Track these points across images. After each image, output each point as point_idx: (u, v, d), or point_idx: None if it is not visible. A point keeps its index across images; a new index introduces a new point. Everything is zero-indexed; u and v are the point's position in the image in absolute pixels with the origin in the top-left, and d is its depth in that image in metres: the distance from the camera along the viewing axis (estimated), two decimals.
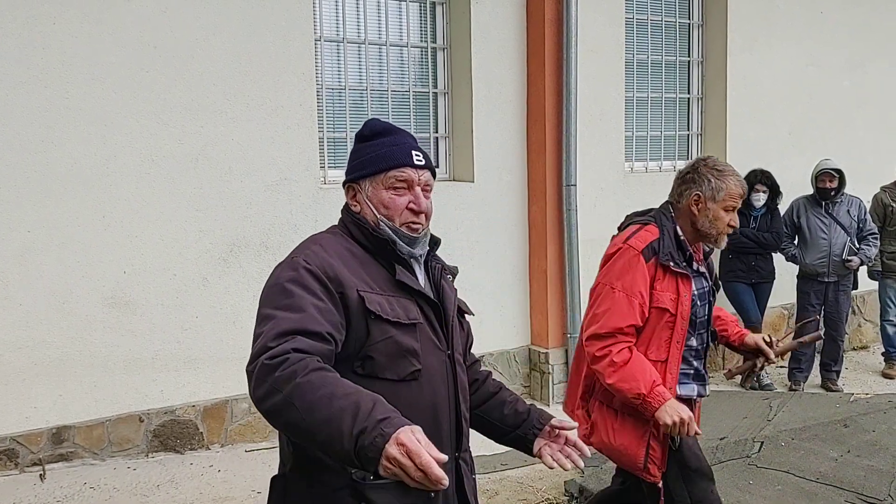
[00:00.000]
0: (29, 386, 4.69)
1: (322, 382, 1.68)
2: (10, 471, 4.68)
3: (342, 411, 1.62)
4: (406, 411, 1.94)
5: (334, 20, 5.68)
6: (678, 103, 7.14)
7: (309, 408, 1.66)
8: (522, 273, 6.26)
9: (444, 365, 2.08)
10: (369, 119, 2.18)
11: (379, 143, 2.09)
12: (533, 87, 6.05)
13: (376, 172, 2.06)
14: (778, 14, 7.22)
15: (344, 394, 1.66)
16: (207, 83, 4.99)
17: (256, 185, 5.19)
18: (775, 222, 6.53)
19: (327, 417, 1.64)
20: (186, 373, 5.09)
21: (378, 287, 1.99)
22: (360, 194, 2.09)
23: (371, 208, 2.06)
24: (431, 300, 2.08)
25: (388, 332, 1.95)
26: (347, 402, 1.64)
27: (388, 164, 2.05)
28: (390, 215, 2.05)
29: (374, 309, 1.94)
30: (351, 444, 1.60)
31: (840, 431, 4.87)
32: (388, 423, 1.59)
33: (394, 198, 2.05)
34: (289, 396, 1.68)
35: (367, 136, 2.12)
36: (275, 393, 1.71)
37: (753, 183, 6.42)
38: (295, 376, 1.69)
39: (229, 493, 4.61)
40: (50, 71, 4.60)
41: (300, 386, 1.68)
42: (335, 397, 1.65)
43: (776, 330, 7.39)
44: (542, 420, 2.28)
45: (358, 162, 2.10)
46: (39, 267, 4.67)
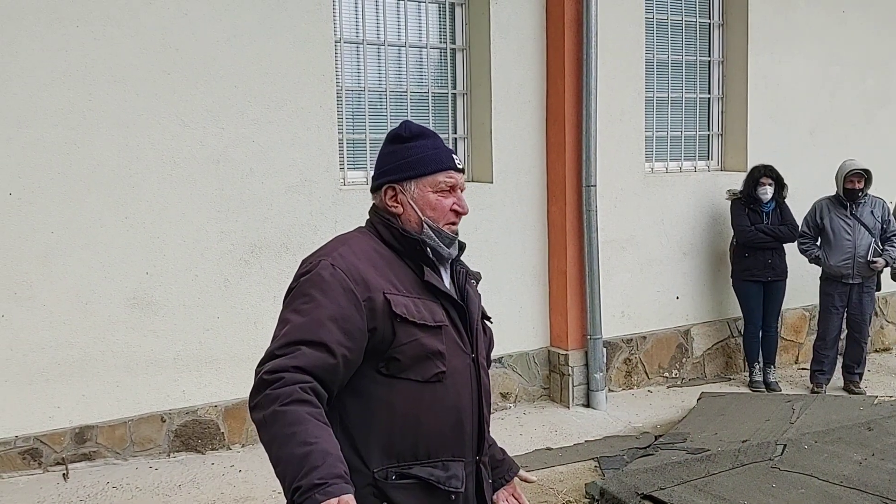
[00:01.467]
0: (52, 386, 4.73)
1: (294, 419, 1.76)
2: (33, 470, 4.72)
3: (291, 459, 1.73)
4: (430, 413, 1.97)
5: (354, 22, 5.69)
6: (698, 103, 7.10)
7: (274, 440, 1.77)
8: (541, 274, 6.24)
9: (469, 368, 2.08)
10: (405, 120, 2.17)
11: (421, 146, 2.09)
12: (552, 87, 6.04)
13: (424, 174, 2.07)
14: (799, 13, 7.16)
15: (304, 441, 1.74)
16: (228, 85, 5.01)
17: (277, 186, 5.21)
18: (787, 215, 6.50)
19: (280, 458, 1.75)
20: (208, 373, 5.12)
21: (405, 289, 2.00)
22: (402, 195, 2.08)
23: (416, 210, 2.06)
24: (457, 302, 2.08)
25: (415, 335, 1.96)
26: (300, 451, 1.72)
27: (436, 167, 2.07)
28: (436, 217, 2.07)
29: (401, 312, 1.94)
30: (289, 495, 1.72)
31: (864, 434, 4.82)
32: (321, 490, 1.67)
33: (440, 200, 2.08)
34: (266, 418, 1.79)
35: (407, 138, 2.10)
36: (259, 408, 1.82)
37: (758, 177, 6.39)
38: (277, 400, 1.78)
39: (250, 493, 4.63)
40: (73, 73, 4.64)
41: (276, 414, 1.77)
42: (295, 442, 1.74)
43: (797, 331, 7.35)
44: (512, 472, 2.35)
45: (401, 163, 2.08)
46: (62, 268, 4.71)
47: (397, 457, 1.97)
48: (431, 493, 2.00)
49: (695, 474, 4.36)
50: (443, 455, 2.02)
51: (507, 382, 6.08)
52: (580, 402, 6.14)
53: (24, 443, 4.70)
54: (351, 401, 1.95)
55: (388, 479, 1.95)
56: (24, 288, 4.62)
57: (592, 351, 6.11)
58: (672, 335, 6.75)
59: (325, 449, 1.74)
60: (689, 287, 6.81)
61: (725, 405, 5.81)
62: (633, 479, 4.34)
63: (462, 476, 2.05)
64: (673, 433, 5.39)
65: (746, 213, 6.43)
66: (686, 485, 4.23)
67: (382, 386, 1.96)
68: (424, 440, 1.98)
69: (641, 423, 5.82)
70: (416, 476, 1.97)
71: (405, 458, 1.97)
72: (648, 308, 6.61)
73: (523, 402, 6.18)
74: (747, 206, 6.43)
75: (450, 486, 2.01)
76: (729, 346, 7.03)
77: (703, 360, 6.92)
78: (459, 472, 2.04)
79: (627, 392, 6.48)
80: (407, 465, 1.97)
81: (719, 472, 4.37)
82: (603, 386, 6.14)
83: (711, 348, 6.96)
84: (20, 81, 4.52)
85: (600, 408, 6.06)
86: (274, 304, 5.14)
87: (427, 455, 1.99)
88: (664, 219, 6.63)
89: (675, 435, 5.32)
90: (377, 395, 1.96)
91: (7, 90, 4.50)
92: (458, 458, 2.05)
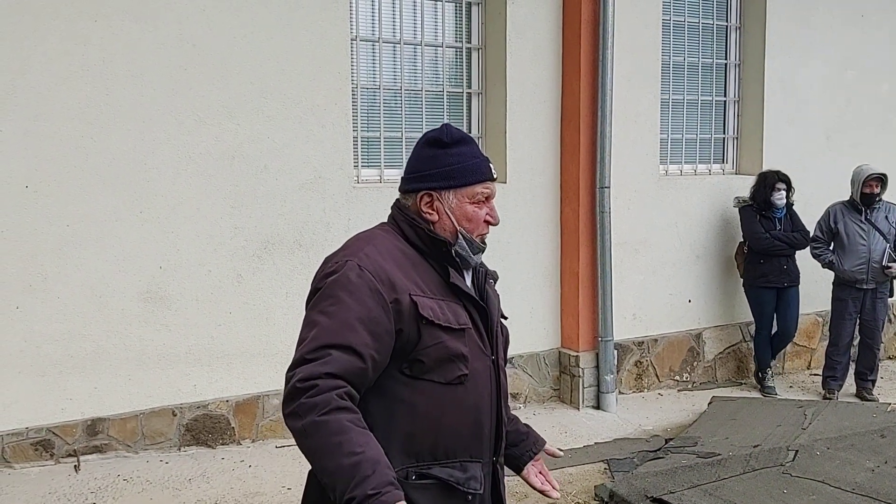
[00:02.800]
0: (65, 378, 4.76)
1: (337, 429, 1.78)
2: (45, 461, 4.75)
3: (341, 470, 1.75)
4: (450, 414, 1.98)
5: (370, 20, 5.69)
6: (714, 106, 7.07)
7: (319, 450, 1.78)
8: (553, 275, 6.23)
9: (489, 370, 2.09)
10: (445, 124, 2.14)
11: (461, 154, 2.05)
12: (568, 87, 6.02)
13: (464, 185, 2.04)
14: (817, 16, 7.12)
15: (351, 451, 1.75)
16: (244, 81, 5.03)
17: (291, 183, 5.22)
18: (797, 221, 6.48)
19: (327, 469, 1.77)
20: (219, 368, 5.13)
21: (429, 290, 1.99)
22: (439, 203, 2.04)
23: (453, 220, 2.04)
24: (479, 304, 2.08)
25: (440, 338, 1.95)
26: (349, 461, 1.74)
27: (476, 178, 2.05)
28: (471, 228, 2.06)
29: (427, 314, 1.94)
30: (337, 499, 1.75)
31: (877, 442, 4.79)
32: (376, 499, 1.71)
33: (477, 211, 2.07)
34: (306, 427, 1.79)
35: (447, 144, 2.06)
36: (297, 417, 1.80)
37: (774, 183, 6.35)
38: (315, 410, 1.79)
39: (260, 488, 4.64)
40: (90, 67, 4.66)
41: (317, 424, 1.78)
42: (342, 452, 1.75)
43: (810, 337, 7.31)
44: (539, 445, 2.32)
45: (441, 171, 2.04)
46: (77, 260, 4.73)
47: (417, 457, 1.97)
48: (450, 493, 2.00)
49: (705, 478, 4.34)
50: (461, 456, 2.02)
51: (518, 383, 6.07)
52: (590, 403, 6.12)
53: (36, 434, 4.73)
54: (373, 400, 1.95)
55: (408, 479, 1.95)
56: (39, 280, 4.65)
57: (603, 353, 6.09)
58: (684, 338, 6.73)
59: (373, 457, 1.76)
60: (701, 290, 6.78)
61: (737, 409, 5.78)
62: (643, 482, 4.33)
63: (480, 477, 2.06)
64: (683, 437, 5.38)
65: (758, 219, 6.40)
66: (696, 489, 4.22)
67: (405, 386, 1.96)
68: (444, 441, 1.99)
69: (652, 427, 5.80)
70: (435, 476, 1.98)
71: (424, 459, 1.98)
72: (660, 311, 6.59)
73: (533, 402, 6.17)
74: (759, 213, 6.40)
75: (468, 488, 2.02)
76: (741, 351, 7.00)
77: (715, 364, 6.89)
78: (478, 473, 2.05)
79: (638, 395, 6.47)
80: (426, 465, 1.98)
81: (730, 477, 4.36)
82: (613, 388, 6.13)
83: (723, 352, 6.93)
84: (38, 75, 4.55)
85: (610, 410, 6.04)
86: (286, 300, 5.21)
87: (446, 456, 2.00)
88: (678, 221, 6.60)
89: (686, 438, 5.30)
90: (399, 396, 1.96)
91: (25, 84, 4.53)
92: (477, 460, 2.06)
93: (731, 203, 6.69)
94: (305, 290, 2.04)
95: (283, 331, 5.18)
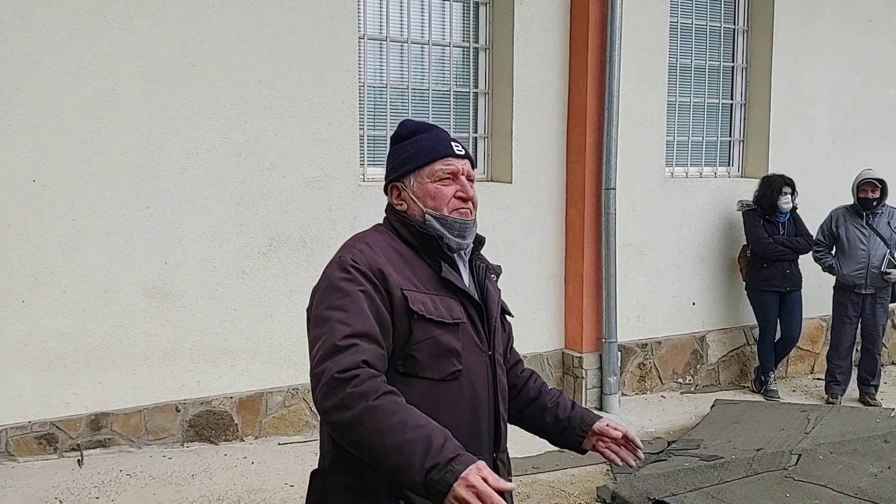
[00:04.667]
0: (70, 372, 4.77)
1: (394, 408, 1.76)
2: (49, 455, 4.76)
3: (414, 443, 1.72)
4: (446, 411, 1.96)
5: (378, 19, 5.70)
6: (721, 109, 7.06)
7: (380, 432, 1.74)
8: (558, 276, 6.23)
9: (485, 366, 2.08)
10: (403, 120, 2.18)
11: (417, 140, 2.09)
12: (575, 88, 6.02)
13: (420, 166, 2.06)
14: (825, 20, 7.11)
15: (416, 425, 1.74)
16: (252, 79, 5.03)
17: (297, 180, 5.22)
18: (801, 225, 6.48)
19: (398, 446, 1.72)
20: (223, 364, 5.14)
21: (423, 286, 1.99)
22: (404, 192, 2.08)
23: (418, 203, 2.05)
24: (475, 300, 2.07)
25: (431, 332, 1.95)
26: (420, 434, 1.73)
27: (432, 156, 2.06)
28: (438, 206, 2.04)
29: (418, 308, 1.94)
30: (421, 476, 1.70)
31: (880, 447, 4.79)
32: (458, 461, 1.69)
33: (440, 188, 2.05)
34: (359, 416, 1.75)
35: (404, 136, 2.11)
36: (343, 409, 1.76)
37: (780, 187, 6.34)
38: (366, 397, 1.76)
39: (262, 485, 4.65)
40: (99, 63, 4.67)
41: (372, 409, 1.75)
42: (407, 427, 1.74)
43: (813, 341, 7.30)
44: (584, 427, 2.25)
45: (399, 160, 2.10)
46: (83, 255, 4.74)
47: None
48: None
49: (707, 481, 4.34)
50: None
51: None
52: (593, 405, 6.12)
53: (40, 428, 4.74)
54: None
55: None
56: (45, 274, 4.66)
57: (607, 354, 6.10)
58: (687, 341, 6.72)
59: (438, 427, 1.76)
60: (705, 293, 6.78)
61: (740, 413, 5.78)
62: (645, 484, 4.33)
63: None
64: (686, 439, 5.37)
65: (762, 223, 6.39)
66: (698, 491, 4.22)
67: (401, 384, 1.94)
68: None
69: (654, 429, 5.80)
70: None
71: None
72: (664, 313, 6.59)
73: None
74: (762, 217, 6.39)
75: None
76: (744, 354, 7.00)
77: (718, 367, 6.89)
78: None
79: (641, 397, 6.47)
80: None
81: (732, 480, 4.36)
82: (616, 390, 6.13)
83: (726, 355, 6.93)
84: (47, 70, 4.56)
85: (613, 412, 6.04)
86: (291, 297, 5.22)
87: None
88: (683, 224, 6.60)
89: (689, 441, 5.30)
90: None
91: (34, 78, 4.54)
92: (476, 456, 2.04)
93: (735, 207, 6.69)
94: (310, 288, 2.04)
95: (288, 328, 5.19)
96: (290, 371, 5.28)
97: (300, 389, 5.32)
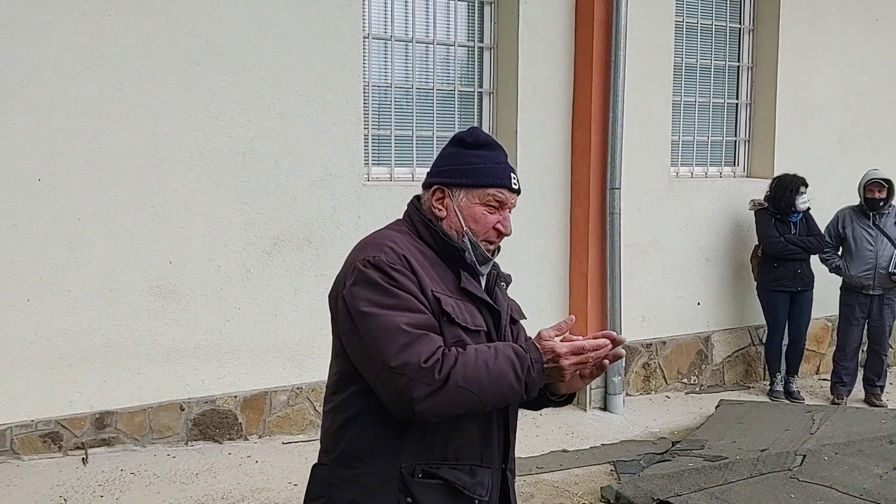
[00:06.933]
0: (74, 371, 4.78)
1: (473, 356, 1.89)
2: (53, 453, 4.77)
3: (501, 369, 1.89)
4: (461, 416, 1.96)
5: (383, 18, 5.70)
6: (726, 108, 7.04)
7: (475, 381, 1.87)
8: (562, 276, 6.22)
9: None
10: (473, 127, 2.16)
11: (481, 156, 2.07)
12: (579, 88, 6.01)
13: (475, 186, 2.05)
14: (831, 20, 7.09)
15: (494, 355, 1.91)
16: (257, 78, 5.04)
17: (301, 179, 5.23)
18: (813, 225, 6.44)
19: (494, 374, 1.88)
20: (227, 363, 5.14)
21: (447, 289, 2.01)
22: (449, 200, 2.06)
23: (460, 218, 2.05)
24: (493, 307, 2.09)
25: (459, 336, 1.96)
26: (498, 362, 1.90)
27: (490, 181, 2.05)
28: (476, 231, 2.06)
29: (450, 311, 1.96)
30: (521, 386, 1.91)
31: (885, 448, 4.77)
32: (533, 350, 1.94)
33: (485, 215, 2.06)
34: (455, 384, 1.85)
35: (471, 145, 2.08)
36: (442, 388, 1.85)
37: (797, 186, 6.31)
38: (454, 367, 1.86)
39: (266, 484, 4.65)
40: (104, 62, 4.68)
41: (464, 368, 1.87)
42: (491, 358, 1.90)
43: (819, 342, 7.28)
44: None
45: (456, 168, 2.06)
46: (88, 254, 4.75)
47: (426, 455, 1.98)
48: (456, 497, 2.00)
49: (712, 482, 4.33)
50: (470, 460, 2.02)
51: None
52: (597, 405, 6.11)
53: (45, 426, 4.75)
54: None
55: (415, 475, 1.96)
56: (50, 273, 4.67)
57: None
58: (692, 341, 6.71)
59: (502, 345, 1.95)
60: (710, 293, 6.76)
61: (744, 413, 5.76)
62: (649, 484, 4.32)
63: (488, 484, 2.05)
64: (690, 440, 5.36)
65: (774, 223, 6.36)
66: (703, 492, 4.21)
67: None
68: (454, 443, 2.00)
69: (659, 429, 5.79)
70: (442, 478, 1.98)
71: (433, 458, 1.98)
72: (669, 313, 6.58)
73: None
74: (774, 217, 6.36)
75: (475, 493, 2.01)
76: (749, 355, 6.98)
77: (723, 368, 6.87)
78: (486, 479, 2.04)
79: (645, 397, 6.45)
80: (435, 464, 1.98)
81: (737, 481, 4.35)
82: (621, 390, 6.12)
83: (731, 356, 6.91)
84: (52, 69, 4.56)
85: (617, 412, 6.03)
86: (295, 296, 5.22)
87: (455, 458, 2.00)
88: (688, 224, 6.58)
89: (693, 441, 5.29)
90: None
91: (39, 77, 4.54)
92: (486, 465, 2.06)
93: (744, 205, 6.67)
94: (314, 287, 2.04)
95: (292, 327, 5.19)
96: (294, 370, 5.29)
97: (304, 389, 5.32)
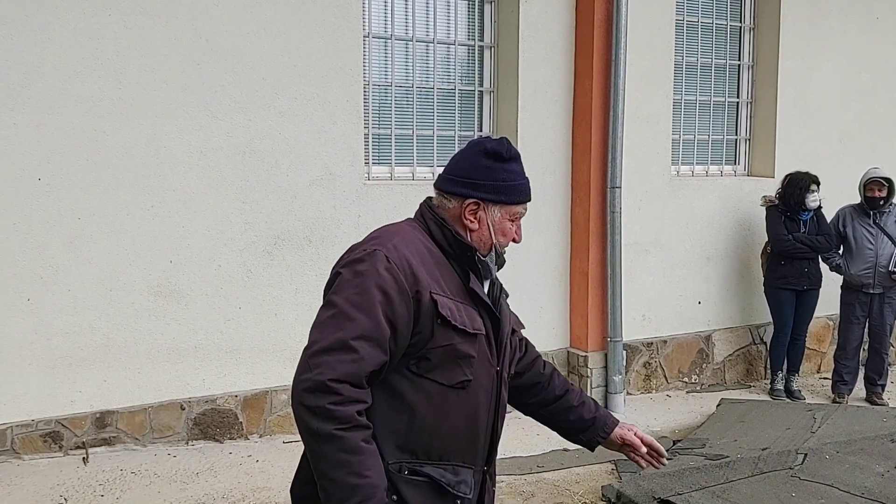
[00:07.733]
0: (75, 370, 4.78)
1: (351, 447, 1.84)
2: (54, 453, 4.77)
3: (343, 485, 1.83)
4: (448, 417, 2.01)
5: (383, 17, 5.69)
6: (727, 107, 7.04)
7: (326, 457, 1.84)
8: (563, 275, 6.22)
9: (492, 380, 2.11)
10: (503, 137, 2.16)
11: (514, 172, 2.10)
12: (580, 87, 6.01)
13: (510, 203, 2.10)
14: (831, 19, 7.08)
15: (356, 473, 1.83)
16: (257, 77, 5.03)
17: (302, 179, 5.22)
18: (823, 224, 6.41)
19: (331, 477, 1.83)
20: (228, 363, 5.14)
21: (449, 291, 2.01)
22: (483, 213, 2.08)
23: (492, 233, 2.09)
24: (494, 313, 2.10)
25: (452, 339, 1.98)
26: (353, 482, 1.83)
27: (523, 198, 2.12)
28: (502, 243, 2.13)
29: (445, 313, 1.96)
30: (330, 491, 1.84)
31: (887, 446, 4.76)
32: None
33: (510, 228, 2.13)
34: (320, 432, 1.83)
35: (504, 158, 2.08)
36: (314, 416, 1.84)
37: (808, 184, 6.28)
38: (336, 422, 1.83)
39: (266, 483, 4.65)
40: (104, 61, 4.67)
41: (333, 437, 1.83)
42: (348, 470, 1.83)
43: (820, 340, 7.27)
44: (607, 429, 2.35)
45: (493, 185, 2.06)
46: (88, 254, 4.75)
47: (411, 453, 2.00)
48: (440, 494, 2.03)
49: (713, 480, 4.33)
50: (455, 460, 2.05)
51: None
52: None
53: (45, 426, 4.75)
54: (375, 392, 1.96)
55: (401, 472, 1.98)
56: (50, 273, 4.67)
57: (612, 353, 6.08)
58: (693, 340, 6.70)
59: (375, 484, 1.85)
60: (712, 292, 6.75)
61: (745, 412, 5.76)
62: (650, 483, 4.32)
63: (471, 483, 2.09)
64: (692, 438, 5.36)
65: (783, 221, 6.34)
66: (704, 491, 4.20)
67: (409, 383, 1.98)
68: (439, 442, 2.02)
69: (660, 428, 5.78)
70: (427, 475, 2.01)
71: (418, 456, 2.01)
72: (670, 312, 6.57)
73: None
74: (784, 214, 6.34)
75: (458, 491, 2.05)
76: (750, 353, 6.97)
77: (724, 367, 6.87)
78: (469, 478, 2.09)
79: (646, 396, 6.45)
80: (419, 462, 2.00)
81: (738, 480, 4.34)
82: (622, 389, 6.11)
83: (732, 355, 6.90)
84: (52, 68, 4.56)
85: (618, 411, 6.02)
86: (295, 296, 5.22)
87: (440, 457, 2.03)
88: (689, 223, 6.58)
89: (694, 440, 5.29)
90: (401, 392, 1.98)
91: (39, 77, 4.54)
92: (469, 466, 2.09)
93: (744, 204, 6.66)
94: (315, 286, 2.06)
95: (292, 327, 5.19)
96: (294, 370, 5.27)
97: None
